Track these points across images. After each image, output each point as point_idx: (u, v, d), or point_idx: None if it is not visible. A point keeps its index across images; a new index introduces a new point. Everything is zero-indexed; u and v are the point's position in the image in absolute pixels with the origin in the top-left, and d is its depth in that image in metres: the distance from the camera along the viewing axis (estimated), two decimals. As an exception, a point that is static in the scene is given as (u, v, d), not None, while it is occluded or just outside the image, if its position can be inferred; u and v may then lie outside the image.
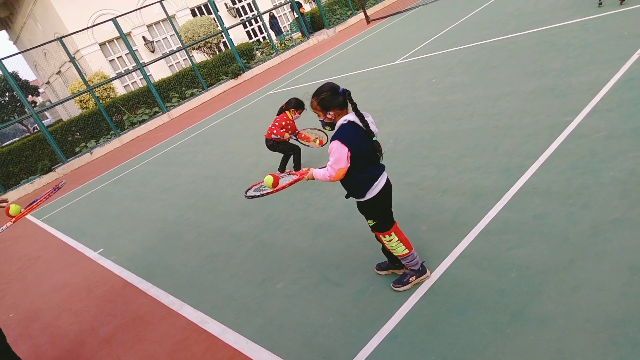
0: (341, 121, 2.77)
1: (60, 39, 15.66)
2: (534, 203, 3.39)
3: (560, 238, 2.94)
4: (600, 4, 7.30)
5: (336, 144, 2.69)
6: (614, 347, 2.13)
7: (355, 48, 14.77)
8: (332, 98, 2.75)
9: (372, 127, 2.79)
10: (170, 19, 18.49)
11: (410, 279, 3.06)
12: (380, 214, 2.93)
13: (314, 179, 2.93)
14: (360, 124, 2.75)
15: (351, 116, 2.77)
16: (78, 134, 17.11)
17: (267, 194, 3.04)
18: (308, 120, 7.08)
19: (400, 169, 4.86)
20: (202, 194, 6.95)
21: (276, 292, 3.69)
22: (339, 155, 2.68)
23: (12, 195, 14.33)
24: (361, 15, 22.25)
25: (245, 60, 20.39)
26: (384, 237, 2.96)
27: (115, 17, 16.81)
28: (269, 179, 2.99)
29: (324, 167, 2.82)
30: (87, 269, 5.94)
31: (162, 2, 18.11)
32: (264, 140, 6.11)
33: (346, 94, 2.75)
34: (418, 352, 2.55)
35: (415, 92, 7.26)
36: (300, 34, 23.49)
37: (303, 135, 5.78)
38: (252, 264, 4.30)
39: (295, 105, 5.68)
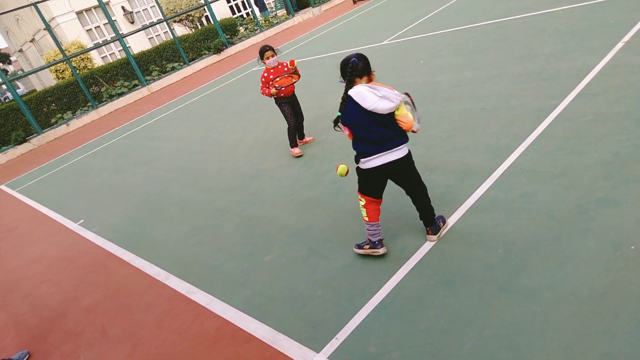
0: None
1: (34, 4, 15.04)
2: (520, 182, 3.46)
3: (546, 216, 3.01)
4: (587, -9, 7.38)
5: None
6: (597, 317, 2.21)
7: (342, 27, 14.64)
8: (342, 70, 2.90)
9: (381, 103, 2.73)
10: (151, -11, 17.94)
11: (365, 247, 3.27)
12: (362, 180, 3.11)
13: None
14: (355, 97, 2.80)
15: (352, 90, 2.83)
16: (54, 104, 16.62)
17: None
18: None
19: (388, 147, 4.88)
20: (185, 168, 6.86)
21: (264, 264, 3.70)
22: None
23: (-16, 165, 13.90)
24: (347, -6, 22.00)
25: (229, 36, 20.01)
26: (358, 195, 3.17)
27: (94, -15, 16.23)
28: (342, 169, 3.10)
29: None
30: (67, 240, 5.84)
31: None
32: (249, 116, 6.06)
33: (348, 66, 2.81)
34: (407, 322, 2.61)
35: (405, 72, 7.26)
36: (285, 11, 23.12)
37: (279, 81, 5.44)
38: (239, 237, 4.29)
39: (260, 54, 5.44)
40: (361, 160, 2.98)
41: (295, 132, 5.66)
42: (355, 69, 2.81)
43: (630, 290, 2.28)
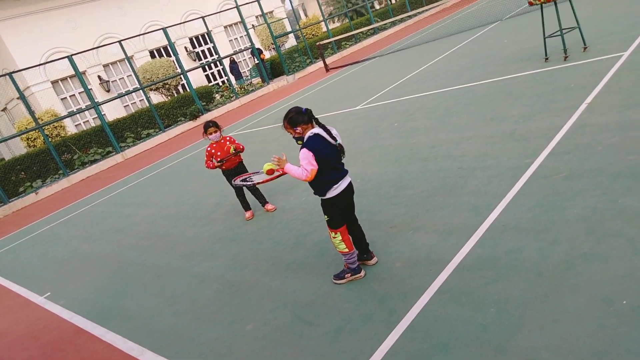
0: (308, 134, 3.39)
1: (9, 74, 15.10)
2: (505, 239, 3.46)
3: (535, 272, 2.99)
4: (546, 59, 7.89)
5: (304, 150, 3.30)
6: (600, 378, 2.13)
7: (316, 94, 15.12)
8: (297, 117, 3.40)
9: (338, 139, 3.41)
10: (128, 59, 18.33)
11: (346, 275, 3.63)
12: (334, 212, 3.49)
13: (284, 172, 3.52)
14: (324, 135, 3.35)
15: (316, 129, 3.39)
16: (23, 173, 16.22)
17: (256, 184, 3.79)
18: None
19: (370, 207, 4.87)
20: (161, 234, 6.66)
21: (246, 334, 3.51)
22: (308, 159, 3.27)
23: (-57, 237, 13.20)
24: (320, 63, 22.95)
25: (205, 103, 20.36)
26: (332, 233, 3.53)
27: (71, 55, 16.48)
28: (267, 166, 3.74)
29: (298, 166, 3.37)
30: (31, 315, 5.46)
31: (121, 42, 17.98)
32: (225, 181, 6.10)
33: (308, 112, 3.40)
34: (403, 391, 2.46)
35: (379, 135, 7.44)
36: (260, 79, 23.85)
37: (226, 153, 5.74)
38: (219, 305, 4.10)
39: (204, 129, 5.80)
40: (333, 187, 3.39)
41: (242, 197, 5.97)
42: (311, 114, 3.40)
43: (629, 347, 2.22)
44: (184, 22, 21.42)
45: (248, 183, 3.73)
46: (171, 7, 26.98)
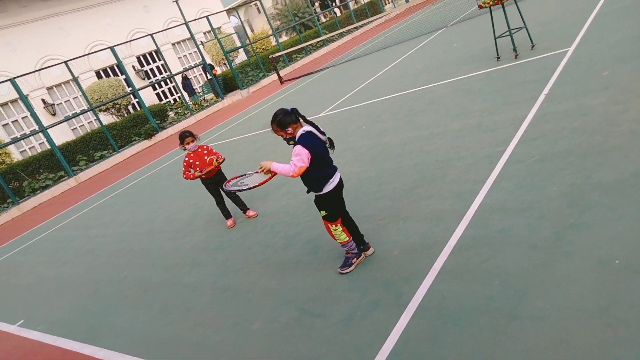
0: (300, 132, 3.40)
1: (-53, 100, 14.21)
2: (494, 219, 3.66)
3: (528, 245, 3.19)
4: (498, 58, 8.38)
5: (299, 147, 3.31)
6: (610, 329, 2.32)
7: (274, 105, 15.17)
8: (285, 117, 3.40)
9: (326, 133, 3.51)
10: (76, 80, 17.71)
11: (353, 261, 3.75)
12: (332, 206, 3.57)
13: (273, 173, 3.43)
14: (315, 132, 3.40)
15: (307, 127, 3.41)
16: (-34, 205, 15.23)
17: (252, 187, 3.62)
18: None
19: (354, 204, 4.97)
20: (137, 251, 6.48)
21: (253, 333, 3.50)
22: (301, 156, 3.29)
23: None
24: (274, 76, 23.05)
25: (159, 121, 19.93)
26: (332, 226, 3.61)
27: (14, 78, 15.72)
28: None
29: (285, 163, 3.38)
30: (6, 344, 5.16)
31: (67, 63, 17.34)
32: (198, 192, 6.04)
33: (294, 111, 3.43)
34: (426, 364, 2.56)
35: (349, 137, 7.60)
36: (213, 94, 23.63)
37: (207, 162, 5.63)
38: (217, 310, 4.06)
39: (180, 140, 5.59)
40: (329, 181, 3.47)
41: (222, 205, 5.92)
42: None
43: (630, 299, 2.43)
44: (131, 40, 20.95)
45: (243, 188, 3.68)
46: (115, 26, 26.37)
